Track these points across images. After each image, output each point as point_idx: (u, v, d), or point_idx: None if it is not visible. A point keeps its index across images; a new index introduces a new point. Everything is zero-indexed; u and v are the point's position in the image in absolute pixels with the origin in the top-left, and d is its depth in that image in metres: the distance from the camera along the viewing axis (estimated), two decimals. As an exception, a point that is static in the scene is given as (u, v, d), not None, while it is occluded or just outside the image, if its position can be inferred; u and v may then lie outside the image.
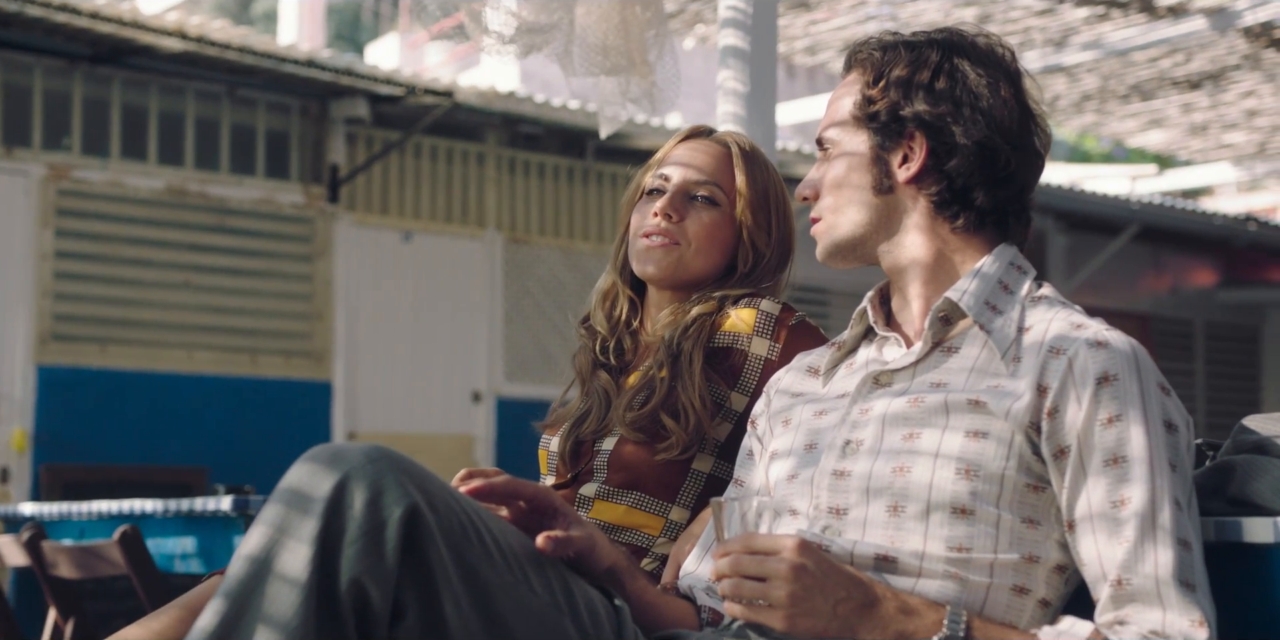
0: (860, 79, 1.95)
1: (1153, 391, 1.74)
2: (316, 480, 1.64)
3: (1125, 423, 1.71)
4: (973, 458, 1.75)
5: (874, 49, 1.95)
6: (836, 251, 1.94)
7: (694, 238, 2.38)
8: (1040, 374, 1.77)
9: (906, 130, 1.90)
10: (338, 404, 8.54)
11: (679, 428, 2.23)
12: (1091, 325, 1.81)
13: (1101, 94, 8.98)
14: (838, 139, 1.95)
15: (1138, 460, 1.70)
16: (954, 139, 1.88)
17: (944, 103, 1.88)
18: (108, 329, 7.88)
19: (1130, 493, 1.70)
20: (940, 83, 1.89)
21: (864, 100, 1.92)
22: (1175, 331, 12.85)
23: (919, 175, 1.90)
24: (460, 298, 9.02)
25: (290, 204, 8.49)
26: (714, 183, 2.40)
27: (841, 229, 1.93)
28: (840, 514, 1.80)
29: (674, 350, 2.30)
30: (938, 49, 1.91)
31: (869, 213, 1.92)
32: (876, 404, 1.86)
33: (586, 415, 2.37)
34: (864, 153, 1.92)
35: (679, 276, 2.39)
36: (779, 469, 1.93)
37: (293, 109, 8.52)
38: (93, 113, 7.90)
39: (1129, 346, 1.77)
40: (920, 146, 1.90)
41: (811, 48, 8.19)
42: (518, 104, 8.62)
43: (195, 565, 4.02)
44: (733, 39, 3.91)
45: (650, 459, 2.25)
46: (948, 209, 1.90)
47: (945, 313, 1.87)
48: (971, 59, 1.91)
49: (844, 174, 1.93)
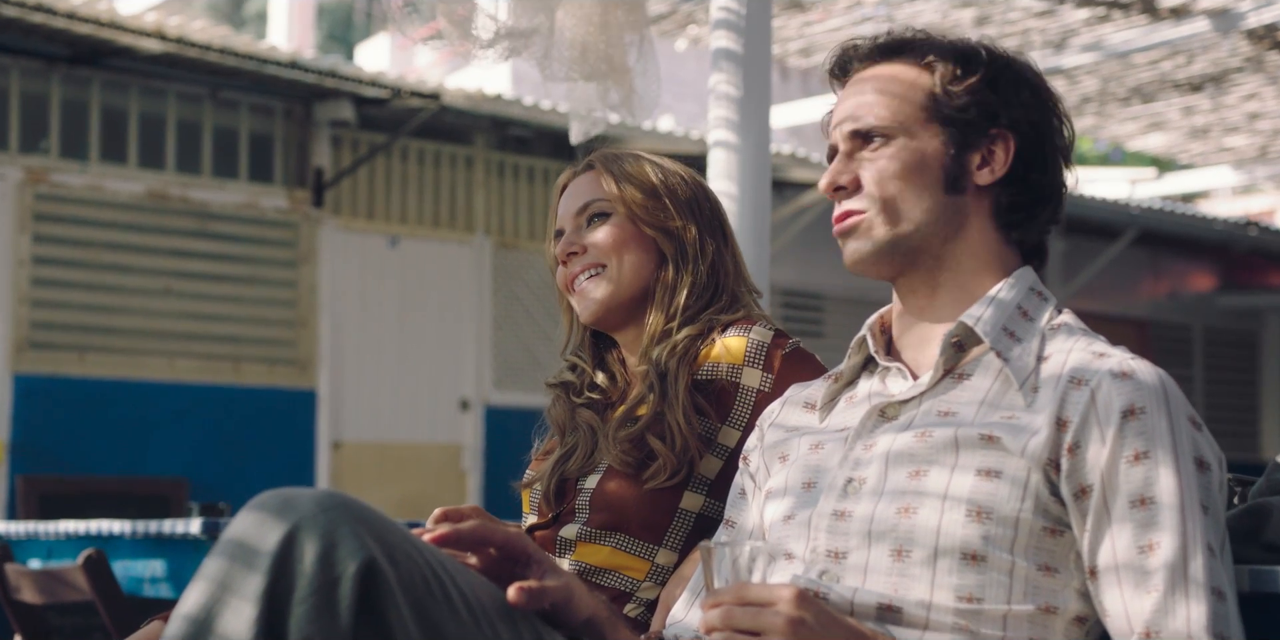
0: (928, 68, 1.83)
1: (1183, 426, 1.65)
2: (263, 531, 1.54)
3: (1153, 461, 1.62)
4: (984, 499, 1.65)
5: (930, 41, 1.85)
6: (886, 250, 1.81)
7: (609, 247, 2.29)
8: (1060, 406, 1.67)
9: (993, 131, 1.80)
10: (322, 413, 8.54)
11: (666, 449, 2.13)
12: (1115, 354, 1.72)
13: (1101, 97, 9.05)
14: (899, 126, 1.81)
15: (1167, 503, 1.61)
16: (1043, 148, 1.81)
17: (1036, 110, 1.82)
18: (87, 337, 7.87)
19: (1159, 538, 1.61)
20: (1025, 88, 1.82)
21: (945, 93, 1.81)
22: (1174, 337, 12.90)
23: (1000, 180, 1.81)
24: (448, 304, 9.02)
25: (274, 208, 8.47)
26: (586, 204, 2.32)
27: (902, 225, 1.80)
28: (839, 558, 1.71)
29: (660, 369, 2.20)
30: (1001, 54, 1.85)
31: (934, 210, 1.80)
32: (881, 439, 1.76)
33: (572, 452, 2.26)
34: (937, 147, 1.80)
35: (620, 296, 2.29)
36: (774, 509, 1.83)
37: (276, 111, 8.52)
38: (71, 115, 7.88)
39: (1156, 377, 1.68)
40: (1006, 150, 1.81)
41: (806, 49, 8.21)
42: (506, 106, 8.64)
43: (165, 589, 3.99)
44: (725, 41, 3.84)
45: (635, 496, 2.15)
46: (1012, 217, 1.82)
47: (959, 338, 1.77)
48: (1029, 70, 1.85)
49: (912, 165, 1.80)
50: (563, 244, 2.31)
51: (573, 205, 2.33)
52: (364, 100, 8.40)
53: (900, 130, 1.81)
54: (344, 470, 8.55)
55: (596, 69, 3.20)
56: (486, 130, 9.13)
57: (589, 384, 2.33)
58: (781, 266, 9.27)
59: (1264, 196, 15.22)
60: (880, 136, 1.82)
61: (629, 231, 2.29)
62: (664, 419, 2.16)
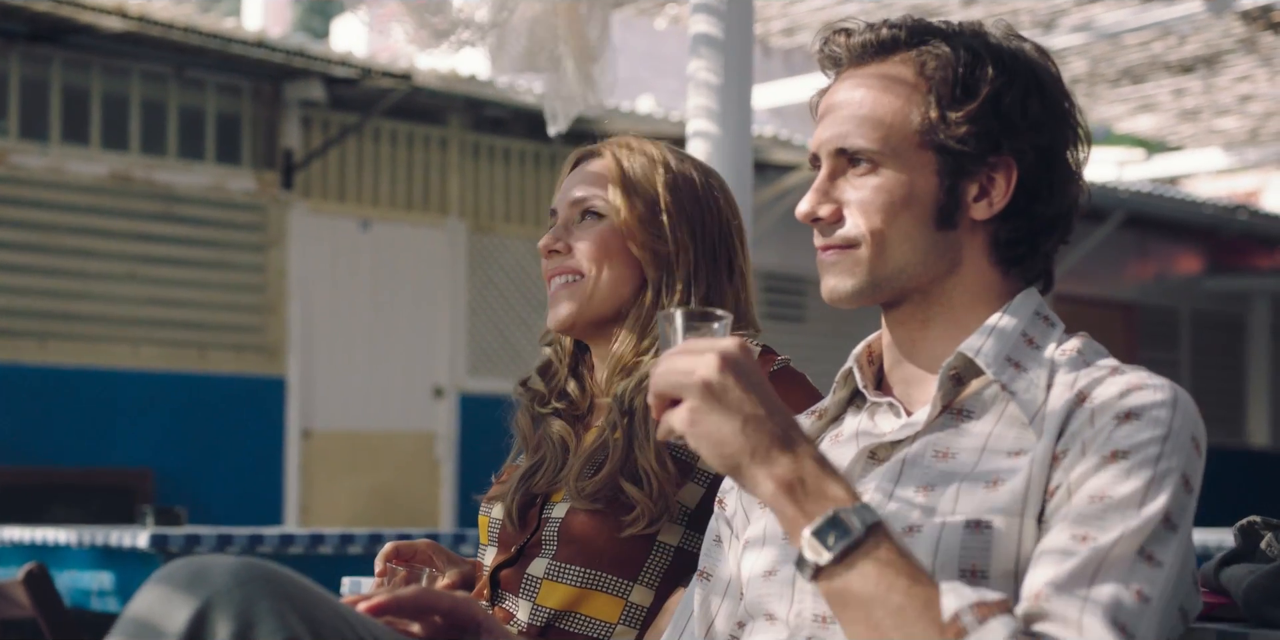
0: (921, 83, 1.63)
1: (1182, 443, 1.48)
2: (171, 608, 1.42)
3: (1130, 462, 1.45)
4: (978, 555, 1.49)
5: (922, 40, 1.64)
6: (873, 288, 1.64)
7: (591, 257, 2.14)
8: (1060, 430, 1.51)
9: (992, 159, 1.61)
10: (292, 401, 8.51)
11: (643, 496, 1.98)
12: (1130, 370, 1.55)
13: (1090, 78, 9.00)
14: (889, 153, 1.62)
15: (1124, 502, 1.43)
16: (1048, 175, 1.62)
17: (1043, 130, 1.61)
18: (47, 323, 7.83)
19: (1098, 533, 1.42)
20: (1034, 104, 1.61)
21: (941, 117, 1.61)
22: (1160, 320, 12.92)
23: (999, 213, 1.63)
24: (421, 289, 8.98)
25: (242, 191, 8.42)
26: (589, 196, 2.17)
27: (891, 263, 1.62)
28: (826, 623, 1.55)
29: (626, 407, 2.06)
30: (1011, 56, 1.63)
31: (926, 248, 1.62)
32: (872, 488, 1.59)
33: (539, 466, 2.12)
34: (929, 178, 1.62)
35: (591, 313, 2.15)
36: (754, 562, 1.67)
37: (244, 91, 8.46)
38: (31, 94, 7.83)
39: (1170, 391, 1.51)
40: (1007, 180, 1.61)
41: (789, 29, 8.10)
42: (480, 88, 8.55)
43: (112, 603, 3.92)
44: (705, 26, 3.73)
45: (608, 531, 2.01)
46: (1012, 251, 1.63)
47: (957, 370, 1.60)
48: (1043, 74, 1.63)
49: (901, 198, 1.61)
50: (549, 236, 2.18)
51: (572, 193, 2.18)
52: (335, 80, 8.35)
53: (889, 157, 1.62)
54: (314, 460, 8.53)
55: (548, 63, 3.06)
56: (461, 111, 9.07)
57: (559, 392, 2.19)
58: (763, 250, 9.18)
59: (1248, 177, 15.24)
60: (867, 161, 1.63)
61: (617, 243, 2.15)
62: (634, 461, 2.02)
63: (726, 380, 1.41)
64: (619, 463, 2.02)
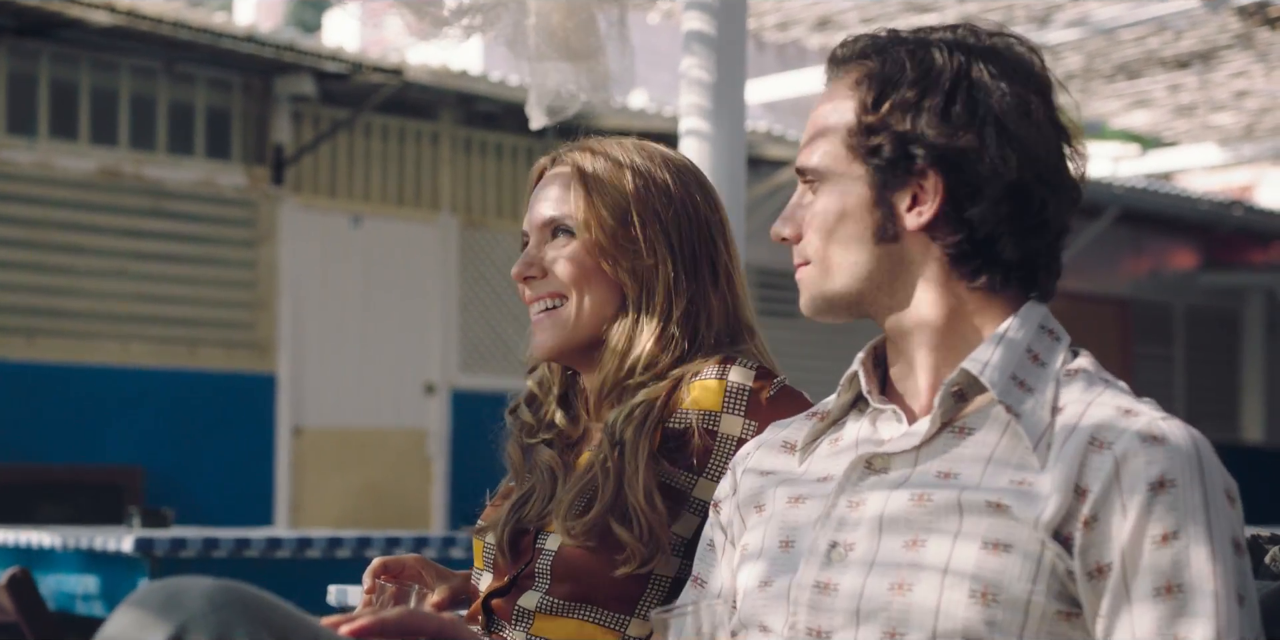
0: (853, 94, 1.62)
1: (1219, 502, 1.47)
2: (144, 634, 1.39)
3: (1184, 542, 1.44)
4: (991, 577, 1.46)
5: (868, 53, 1.62)
6: (826, 306, 1.65)
7: (570, 280, 2.04)
8: (1079, 471, 1.48)
9: (916, 167, 1.58)
10: (282, 398, 8.48)
11: (633, 538, 1.91)
12: (1143, 412, 1.51)
13: (1086, 73, 8.96)
14: (825, 169, 1.62)
15: (1200, 591, 1.43)
16: (978, 179, 1.56)
17: (965, 132, 1.56)
18: (35, 320, 7.81)
19: (1190, 631, 1.42)
20: (958, 105, 1.57)
21: (861, 128, 1.60)
22: (1155, 316, 12.92)
23: (933, 222, 1.58)
24: (413, 285, 8.95)
25: (232, 186, 8.40)
26: (558, 216, 2.06)
27: (835, 281, 1.62)
28: (822, 636, 1.52)
29: (616, 439, 1.97)
30: (951, 57, 1.59)
31: (868, 264, 1.61)
32: (871, 497, 1.56)
33: (529, 497, 2.04)
34: (861, 191, 1.61)
35: (577, 339, 2.06)
36: (749, 573, 1.64)
37: (234, 85, 8.43)
38: (19, 89, 7.79)
39: (1190, 442, 1.48)
40: (935, 187, 1.58)
41: (783, 24, 8.10)
42: (471, 82, 8.52)
43: (98, 608, 3.90)
44: (698, 23, 3.69)
45: (601, 567, 1.94)
46: (967, 264, 1.59)
47: (960, 387, 1.57)
48: (995, 69, 1.58)
49: (835, 214, 1.61)
50: (521, 263, 2.07)
51: (539, 211, 2.08)
52: (325, 74, 8.32)
53: (827, 173, 1.63)
54: (305, 457, 8.50)
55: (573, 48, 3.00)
56: (453, 105, 9.05)
57: (547, 423, 2.11)
58: (756, 246, 9.07)
59: (1242, 171, 15.24)
60: (813, 181, 1.64)
61: (593, 262, 2.05)
62: (624, 500, 1.94)
63: None
64: (609, 502, 1.94)
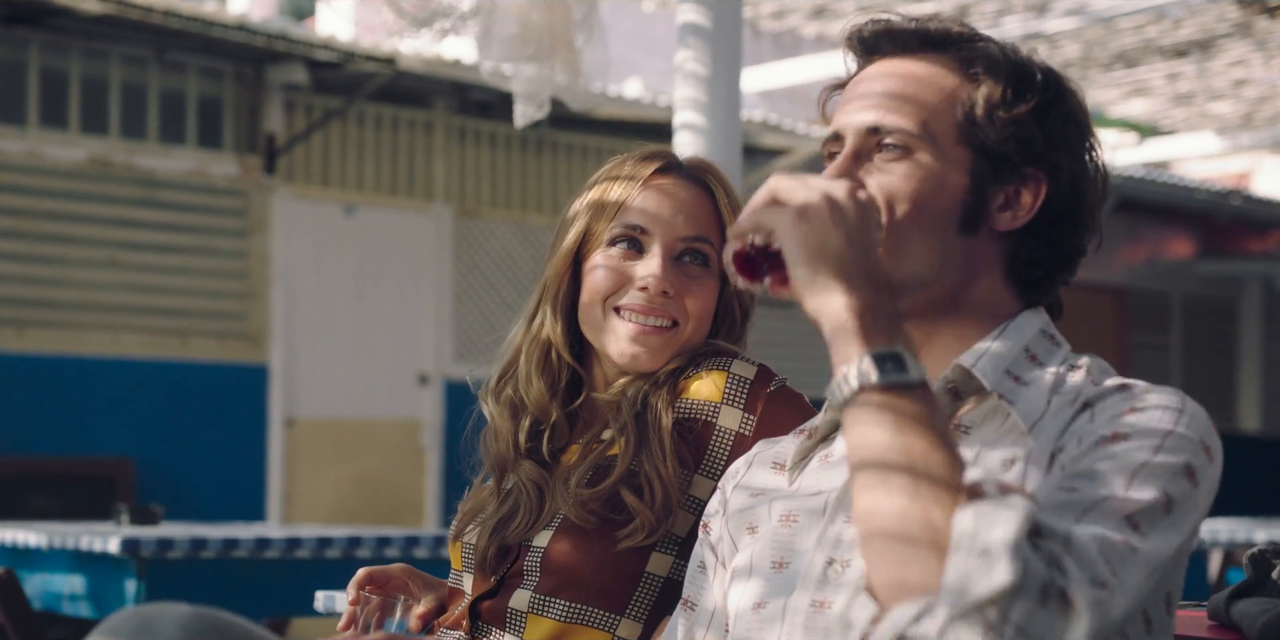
0: (965, 76, 1.55)
1: (1190, 440, 1.40)
2: None
3: (1131, 444, 1.38)
4: None
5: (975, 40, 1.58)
6: None
7: (694, 314, 2.02)
8: (1061, 431, 1.44)
9: (1025, 171, 1.54)
10: (275, 388, 8.44)
11: (644, 506, 1.88)
12: (1140, 383, 1.48)
13: (1084, 62, 8.91)
14: (920, 139, 1.53)
15: (1120, 470, 1.36)
16: (1075, 196, 1.55)
17: (1077, 150, 1.55)
18: (26, 310, 7.76)
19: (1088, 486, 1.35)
20: (1073, 130, 1.56)
21: (989, 117, 1.53)
22: (1152, 305, 12.92)
23: (1021, 228, 1.55)
24: (406, 275, 8.91)
25: (224, 176, 8.34)
26: (703, 237, 2.02)
27: (902, 264, 1.51)
28: None
29: (638, 407, 1.94)
30: (1056, 79, 1.58)
31: (942, 252, 1.53)
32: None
33: (512, 515, 1.98)
34: (958, 176, 1.53)
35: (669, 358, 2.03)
36: (742, 593, 1.59)
37: (226, 74, 8.36)
38: (8, 78, 7.73)
39: (1180, 399, 1.44)
40: (1035, 195, 1.54)
41: (779, 12, 8.04)
42: (465, 71, 8.47)
43: (84, 608, 3.83)
44: (693, 14, 3.66)
45: (596, 559, 1.91)
46: (1030, 273, 1.56)
47: (955, 384, 1.52)
48: (1081, 105, 1.59)
49: (921, 187, 1.52)
50: (661, 275, 1.98)
51: (684, 226, 2.01)
52: (318, 63, 8.24)
53: (925, 145, 1.53)
54: (298, 448, 8.46)
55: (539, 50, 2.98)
56: (446, 94, 8.98)
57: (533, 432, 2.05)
58: (752, 236, 9.13)
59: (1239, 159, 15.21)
60: (899, 146, 1.53)
61: (713, 301, 2.04)
62: (641, 467, 1.91)
63: (851, 204, 1.37)
64: (624, 472, 1.91)
